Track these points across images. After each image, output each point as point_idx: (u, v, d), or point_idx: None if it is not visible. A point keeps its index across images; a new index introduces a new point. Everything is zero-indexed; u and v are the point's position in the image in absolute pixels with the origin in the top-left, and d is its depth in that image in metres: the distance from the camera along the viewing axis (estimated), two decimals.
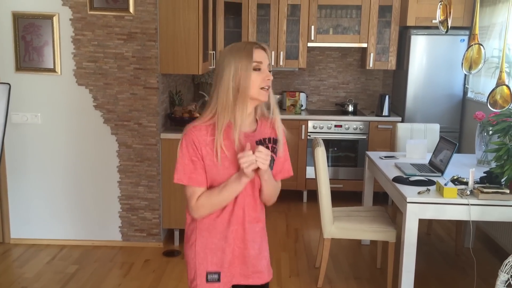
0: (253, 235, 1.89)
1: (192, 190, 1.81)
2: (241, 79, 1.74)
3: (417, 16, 4.90)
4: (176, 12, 3.74)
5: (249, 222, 1.88)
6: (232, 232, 1.85)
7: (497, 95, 3.13)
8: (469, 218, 2.83)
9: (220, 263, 1.86)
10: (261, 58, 1.76)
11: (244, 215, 1.86)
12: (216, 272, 1.86)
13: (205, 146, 1.78)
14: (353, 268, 3.71)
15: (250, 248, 1.89)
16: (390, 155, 3.89)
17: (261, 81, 1.76)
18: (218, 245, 1.85)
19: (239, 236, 1.87)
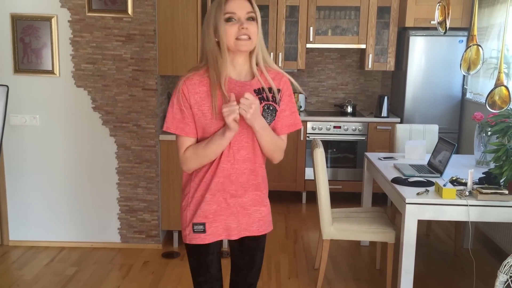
0: (244, 185, 1.90)
1: (181, 140, 1.83)
2: (218, 31, 1.75)
3: (415, 17, 4.90)
4: (174, 13, 3.74)
5: (242, 173, 1.88)
6: (217, 184, 1.86)
7: (495, 96, 3.13)
8: (468, 219, 2.83)
9: (205, 214, 1.88)
10: (234, 8, 1.73)
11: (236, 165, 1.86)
12: (201, 223, 1.88)
13: (194, 95, 1.78)
14: (352, 269, 3.71)
15: (236, 199, 1.90)
16: (389, 156, 3.89)
17: (236, 32, 1.73)
18: (204, 197, 1.88)
19: (224, 189, 1.87)
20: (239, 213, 1.94)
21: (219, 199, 1.89)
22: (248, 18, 1.75)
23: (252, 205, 1.96)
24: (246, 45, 1.76)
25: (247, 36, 1.74)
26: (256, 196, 1.96)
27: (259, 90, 1.84)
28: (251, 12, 1.76)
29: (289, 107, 1.93)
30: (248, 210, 1.95)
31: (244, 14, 1.74)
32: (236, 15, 1.74)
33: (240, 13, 1.74)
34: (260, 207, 1.98)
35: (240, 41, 1.74)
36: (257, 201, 1.97)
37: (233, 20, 1.74)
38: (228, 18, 1.74)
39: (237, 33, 1.73)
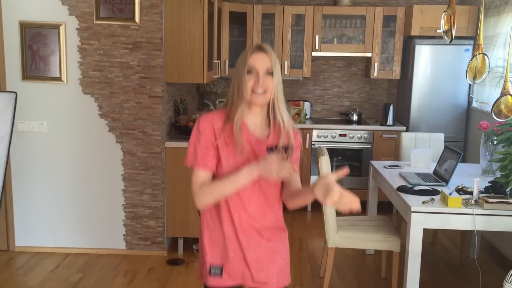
0: (252, 240, 1.88)
1: (197, 174, 1.83)
2: (237, 81, 1.82)
3: (421, 26, 4.91)
4: (181, 21, 3.76)
5: (249, 225, 1.87)
6: (231, 233, 1.87)
7: (501, 105, 3.13)
8: (474, 228, 2.82)
9: (224, 257, 1.89)
10: (255, 62, 1.80)
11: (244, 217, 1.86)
12: (219, 266, 1.89)
13: (220, 133, 1.83)
14: (358, 278, 3.70)
15: (249, 252, 1.88)
16: (395, 164, 3.88)
17: (252, 84, 1.80)
18: (220, 239, 1.88)
19: (234, 238, 1.87)
20: (253, 264, 1.91)
21: (235, 246, 1.88)
22: (267, 73, 1.82)
23: (267, 258, 1.93)
24: (261, 99, 1.82)
25: (263, 89, 1.80)
26: (268, 249, 1.93)
27: (271, 148, 1.86)
28: (270, 68, 1.82)
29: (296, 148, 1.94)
30: (262, 262, 1.92)
31: (264, 69, 1.81)
32: (255, 69, 1.81)
33: (260, 67, 1.81)
34: (278, 260, 1.95)
35: (255, 94, 1.81)
36: (271, 253, 1.94)
37: (251, 73, 1.81)
38: (248, 71, 1.81)
39: (253, 85, 1.80)
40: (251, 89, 1.80)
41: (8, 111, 2.45)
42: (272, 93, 1.83)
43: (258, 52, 1.82)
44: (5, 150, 2.45)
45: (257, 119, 1.88)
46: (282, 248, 1.98)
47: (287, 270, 2.00)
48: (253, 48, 1.83)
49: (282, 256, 1.98)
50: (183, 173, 3.89)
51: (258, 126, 1.88)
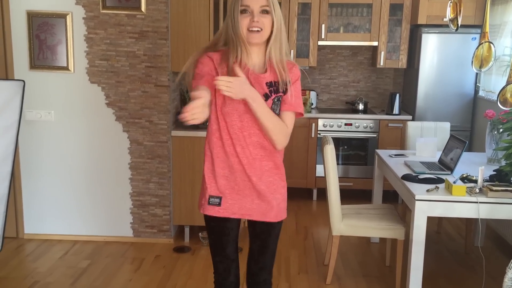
0: (257, 171, 1.98)
1: (198, 88, 1.87)
2: (232, 20, 1.87)
3: (428, 14, 4.89)
4: (187, 10, 3.77)
5: (253, 158, 1.97)
6: (235, 163, 1.96)
7: (507, 93, 3.12)
8: (478, 216, 2.83)
9: (222, 189, 1.98)
10: (249, 1, 1.85)
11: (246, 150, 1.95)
12: (218, 196, 1.98)
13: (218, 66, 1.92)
14: (362, 266, 3.72)
15: (249, 184, 1.98)
16: (400, 153, 3.89)
17: (248, 24, 1.85)
18: (222, 172, 1.98)
19: (241, 169, 1.97)
20: (253, 197, 2.01)
21: (236, 178, 1.98)
22: (262, 11, 1.85)
23: (267, 192, 2.02)
24: (256, 37, 1.86)
25: (258, 28, 1.84)
26: (270, 183, 2.03)
27: (271, 83, 1.95)
28: (265, 6, 1.86)
29: (294, 90, 1.99)
30: (263, 196, 2.02)
31: (258, 8, 1.85)
32: (249, 8, 1.85)
33: (254, 6, 1.84)
34: (275, 195, 2.04)
35: (251, 33, 1.85)
36: (271, 188, 2.03)
37: (247, 13, 1.85)
38: (243, 10, 1.85)
39: (248, 24, 1.84)
40: (246, 27, 1.85)
41: (16, 99, 2.48)
42: (268, 31, 1.88)
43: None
44: (13, 138, 2.49)
45: (255, 59, 1.94)
46: (281, 184, 2.07)
47: (283, 205, 2.10)
48: None
49: (280, 191, 2.07)
50: (189, 161, 3.92)
51: (256, 65, 1.95)
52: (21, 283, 3.32)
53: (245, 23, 1.85)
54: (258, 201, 2.02)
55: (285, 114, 1.98)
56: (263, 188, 2.00)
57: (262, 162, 1.99)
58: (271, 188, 2.03)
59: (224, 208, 2.01)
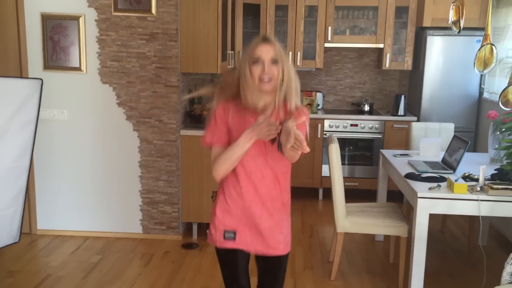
0: (264, 211, 2.09)
1: (214, 150, 2.05)
2: (243, 70, 1.99)
3: (433, 17, 4.96)
4: (196, 13, 3.88)
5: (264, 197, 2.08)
6: (247, 201, 2.07)
7: (509, 94, 3.19)
8: (479, 213, 2.90)
9: (236, 224, 2.09)
10: (261, 53, 1.97)
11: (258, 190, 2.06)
12: (232, 231, 2.09)
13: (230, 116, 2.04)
14: (366, 263, 3.80)
15: (261, 221, 2.09)
16: (404, 153, 3.96)
17: (259, 73, 1.97)
18: (234, 209, 2.09)
19: (253, 207, 2.08)
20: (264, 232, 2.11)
21: (248, 215, 2.09)
22: (272, 62, 1.99)
23: (276, 228, 2.13)
24: (267, 86, 1.99)
25: (269, 77, 1.98)
26: (279, 220, 2.14)
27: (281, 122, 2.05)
28: (274, 57, 1.98)
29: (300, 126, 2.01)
30: (271, 231, 2.12)
31: (268, 58, 1.98)
32: (261, 58, 1.98)
33: (265, 57, 1.97)
34: (282, 229, 2.16)
35: (262, 82, 1.98)
36: (280, 224, 2.15)
37: (258, 63, 1.98)
38: (255, 61, 1.99)
39: (260, 74, 1.98)
40: (258, 77, 1.97)
41: (35, 96, 2.59)
42: (278, 80, 1.99)
43: (263, 43, 1.98)
44: (32, 133, 2.60)
45: (266, 100, 2.03)
46: (287, 219, 2.20)
47: (289, 238, 2.21)
48: (258, 40, 2.00)
49: (286, 226, 2.19)
50: (197, 160, 4.02)
51: (266, 106, 2.04)
52: (35, 277, 3.43)
53: (257, 73, 1.97)
54: (268, 236, 2.12)
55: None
56: (273, 225, 2.12)
57: (273, 202, 2.11)
58: (280, 224, 2.15)
59: (239, 242, 2.10)
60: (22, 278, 3.41)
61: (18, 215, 2.69)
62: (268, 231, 2.11)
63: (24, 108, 2.51)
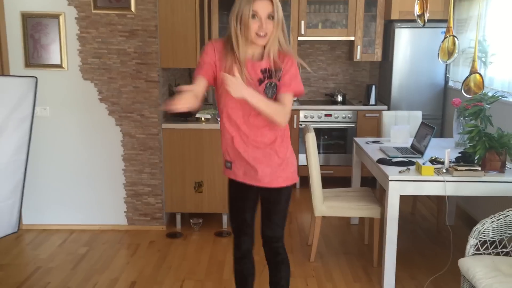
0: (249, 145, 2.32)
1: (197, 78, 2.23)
2: (242, 23, 2.16)
3: (400, 10, 5.19)
4: (174, 10, 4.00)
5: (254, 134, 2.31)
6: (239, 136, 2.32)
7: (470, 83, 3.42)
8: (445, 193, 3.14)
9: (232, 156, 2.35)
10: (258, 8, 2.14)
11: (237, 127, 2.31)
12: (229, 161, 2.37)
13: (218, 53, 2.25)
14: (343, 245, 4.02)
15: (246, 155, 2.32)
16: (376, 140, 4.18)
17: (256, 29, 2.16)
18: (230, 143, 2.34)
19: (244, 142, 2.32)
20: (255, 164, 2.33)
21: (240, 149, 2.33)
22: (268, 17, 2.17)
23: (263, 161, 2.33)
24: (262, 40, 2.20)
25: (264, 33, 2.16)
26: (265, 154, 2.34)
27: (265, 69, 2.27)
28: (271, 13, 2.17)
29: (289, 74, 2.28)
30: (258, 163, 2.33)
31: (266, 14, 2.15)
32: (258, 14, 2.15)
33: (262, 12, 2.15)
34: (270, 163, 2.34)
35: (258, 37, 2.18)
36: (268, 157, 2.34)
37: (255, 18, 2.15)
38: (253, 15, 2.15)
39: (257, 29, 2.16)
40: (254, 31, 2.16)
41: (30, 93, 2.70)
42: (271, 36, 2.18)
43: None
44: (28, 129, 2.72)
45: (255, 51, 2.25)
46: (277, 154, 2.35)
47: (280, 173, 2.37)
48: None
49: (276, 160, 2.35)
50: (179, 152, 4.16)
51: (255, 54, 2.27)
52: (25, 269, 3.54)
53: (254, 27, 2.15)
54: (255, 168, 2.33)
55: (282, 96, 2.27)
56: (259, 158, 2.32)
57: (256, 136, 2.31)
58: (267, 158, 2.33)
59: (234, 172, 2.38)
60: (13, 271, 3.51)
61: (17, 206, 2.81)
62: (254, 163, 2.31)
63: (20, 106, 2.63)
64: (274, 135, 2.35)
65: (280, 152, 2.37)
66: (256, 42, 2.19)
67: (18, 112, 2.60)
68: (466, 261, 2.62)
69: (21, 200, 2.80)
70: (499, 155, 3.16)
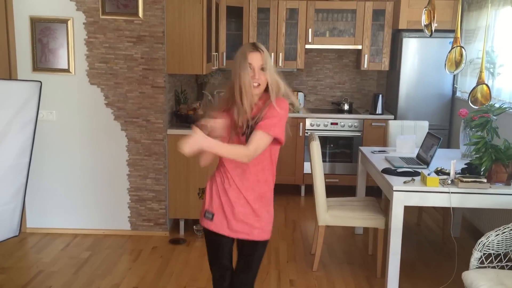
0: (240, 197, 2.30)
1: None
2: (240, 76, 2.20)
3: (408, 19, 5.18)
4: (182, 16, 4.02)
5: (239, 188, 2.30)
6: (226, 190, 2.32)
7: (477, 93, 3.41)
8: (450, 204, 3.10)
9: (216, 206, 2.33)
10: (252, 60, 2.21)
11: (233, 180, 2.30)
12: (211, 212, 2.33)
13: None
14: (346, 255, 3.99)
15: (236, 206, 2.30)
16: (381, 150, 4.16)
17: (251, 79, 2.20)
18: (215, 194, 2.34)
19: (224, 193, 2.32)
20: (239, 217, 2.32)
21: (225, 201, 2.32)
22: (261, 69, 2.23)
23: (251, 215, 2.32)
24: (256, 90, 2.25)
25: (257, 83, 2.23)
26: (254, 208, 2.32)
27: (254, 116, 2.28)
28: (263, 65, 2.23)
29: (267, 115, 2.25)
30: (246, 217, 2.32)
31: (258, 65, 2.22)
32: (252, 66, 2.22)
33: (255, 64, 2.22)
34: (258, 217, 2.33)
35: (253, 87, 2.23)
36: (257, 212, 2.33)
37: (249, 69, 2.22)
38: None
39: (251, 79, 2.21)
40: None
41: (34, 98, 2.71)
42: (264, 84, 2.24)
43: (253, 51, 2.22)
44: (31, 133, 2.72)
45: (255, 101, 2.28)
46: (265, 209, 2.36)
47: (266, 228, 2.37)
48: (249, 48, 2.23)
49: (264, 215, 2.36)
50: (184, 158, 4.12)
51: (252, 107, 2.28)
52: (27, 272, 3.54)
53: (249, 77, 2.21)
54: (242, 223, 2.32)
55: (253, 133, 2.25)
56: (248, 212, 2.31)
57: (248, 190, 2.31)
58: (256, 212, 2.32)
59: (215, 224, 2.33)
60: (15, 274, 3.51)
61: (18, 210, 2.82)
62: (242, 216, 2.30)
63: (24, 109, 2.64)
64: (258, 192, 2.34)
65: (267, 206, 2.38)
66: (252, 92, 2.22)
67: (22, 115, 2.61)
68: (470, 274, 2.58)
69: (23, 204, 2.80)
70: (505, 167, 3.13)
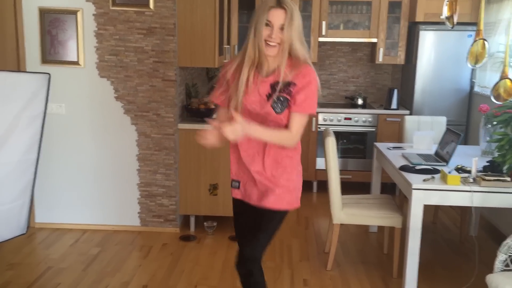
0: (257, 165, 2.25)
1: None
2: (255, 30, 2.11)
3: (425, 12, 5.03)
4: (193, 8, 3.91)
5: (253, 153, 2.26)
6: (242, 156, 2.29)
7: (500, 88, 3.29)
8: (472, 204, 2.99)
9: (240, 175, 2.31)
10: (273, 17, 2.08)
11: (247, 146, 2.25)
12: (237, 180, 2.32)
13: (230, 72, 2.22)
14: (361, 254, 3.89)
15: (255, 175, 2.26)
16: (398, 146, 4.04)
17: (266, 36, 2.09)
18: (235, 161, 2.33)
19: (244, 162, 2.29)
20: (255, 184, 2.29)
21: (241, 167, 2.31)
22: (281, 27, 2.09)
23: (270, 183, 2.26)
24: (272, 50, 2.11)
25: (275, 42, 2.09)
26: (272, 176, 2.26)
27: (274, 83, 2.17)
28: (283, 24, 2.09)
29: (304, 92, 2.16)
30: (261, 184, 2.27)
31: (278, 24, 2.09)
32: (271, 23, 2.09)
33: (275, 22, 2.09)
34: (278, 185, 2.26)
35: (268, 46, 2.10)
36: (274, 180, 2.26)
37: (268, 26, 2.10)
38: (266, 23, 2.10)
39: (267, 36, 2.10)
40: (264, 39, 2.09)
41: (42, 91, 2.63)
42: (283, 46, 2.10)
43: (276, 8, 2.08)
44: (39, 127, 2.64)
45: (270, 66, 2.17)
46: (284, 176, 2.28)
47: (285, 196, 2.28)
48: (272, 2, 2.09)
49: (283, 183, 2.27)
50: (195, 153, 4.07)
51: (270, 68, 2.18)
52: (35, 268, 3.48)
53: (265, 34, 2.09)
54: (256, 188, 2.28)
55: (291, 116, 2.19)
56: (265, 179, 2.25)
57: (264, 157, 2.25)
58: (273, 180, 2.25)
59: (241, 192, 2.34)
60: (23, 270, 3.45)
61: (26, 207, 2.74)
62: (261, 184, 2.26)
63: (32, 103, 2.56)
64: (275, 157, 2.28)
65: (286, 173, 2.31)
66: (266, 52, 2.11)
67: (30, 109, 2.53)
68: (495, 277, 2.47)
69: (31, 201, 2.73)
70: None
